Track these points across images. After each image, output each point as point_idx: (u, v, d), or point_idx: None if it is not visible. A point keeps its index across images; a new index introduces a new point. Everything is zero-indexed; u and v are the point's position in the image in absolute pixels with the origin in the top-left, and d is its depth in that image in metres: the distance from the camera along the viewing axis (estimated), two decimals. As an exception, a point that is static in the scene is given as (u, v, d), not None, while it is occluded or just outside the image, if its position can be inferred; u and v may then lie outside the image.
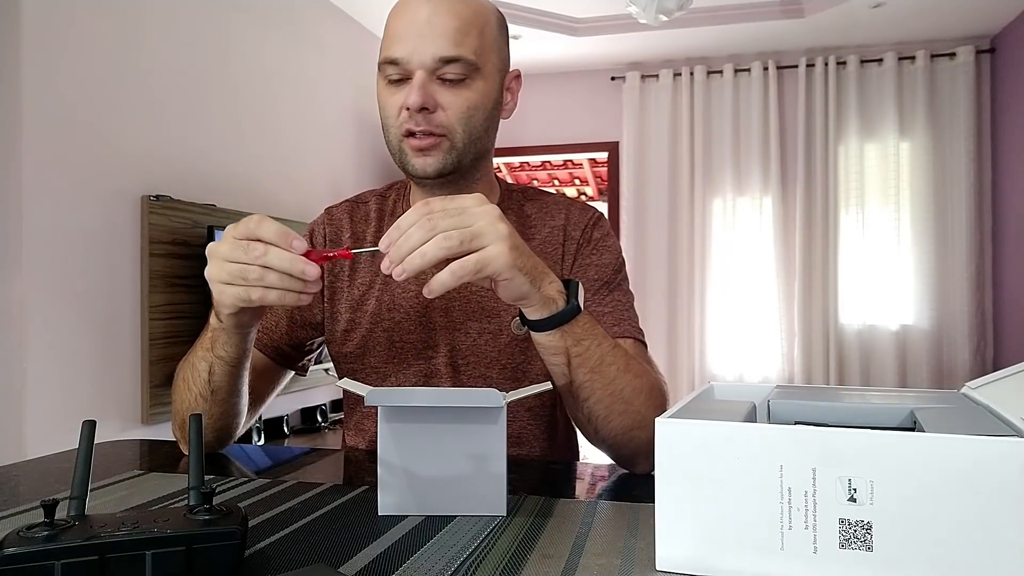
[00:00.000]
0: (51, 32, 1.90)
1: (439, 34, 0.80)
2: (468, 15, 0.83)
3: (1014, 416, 0.45)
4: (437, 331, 0.91)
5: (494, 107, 0.88)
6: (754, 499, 0.44)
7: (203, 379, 0.79)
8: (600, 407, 0.75)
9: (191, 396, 0.81)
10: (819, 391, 0.61)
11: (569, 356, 0.72)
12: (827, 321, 3.94)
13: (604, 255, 0.94)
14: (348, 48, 3.47)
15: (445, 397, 0.59)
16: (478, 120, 0.85)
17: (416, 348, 0.91)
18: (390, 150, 0.88)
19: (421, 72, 0.81)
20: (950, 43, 3.86)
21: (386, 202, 1.00)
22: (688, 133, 4.14)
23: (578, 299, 0.71)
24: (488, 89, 0.86)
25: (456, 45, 0.81)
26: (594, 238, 0.96)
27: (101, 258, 2.06)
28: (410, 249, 0.61)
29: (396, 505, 0.60)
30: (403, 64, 0.81)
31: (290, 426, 2.85)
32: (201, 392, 0.80)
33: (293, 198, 2.98)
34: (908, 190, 3.90)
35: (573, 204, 0.99)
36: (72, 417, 1.94)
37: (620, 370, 0.74)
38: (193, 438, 0.50)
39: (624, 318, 0.90)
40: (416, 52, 0.80)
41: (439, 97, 0.82)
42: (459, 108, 0.83)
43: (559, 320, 0.70)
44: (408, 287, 0.93)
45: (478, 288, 0.91)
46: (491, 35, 0.86)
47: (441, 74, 0.82)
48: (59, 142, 1.92)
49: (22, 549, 0.41)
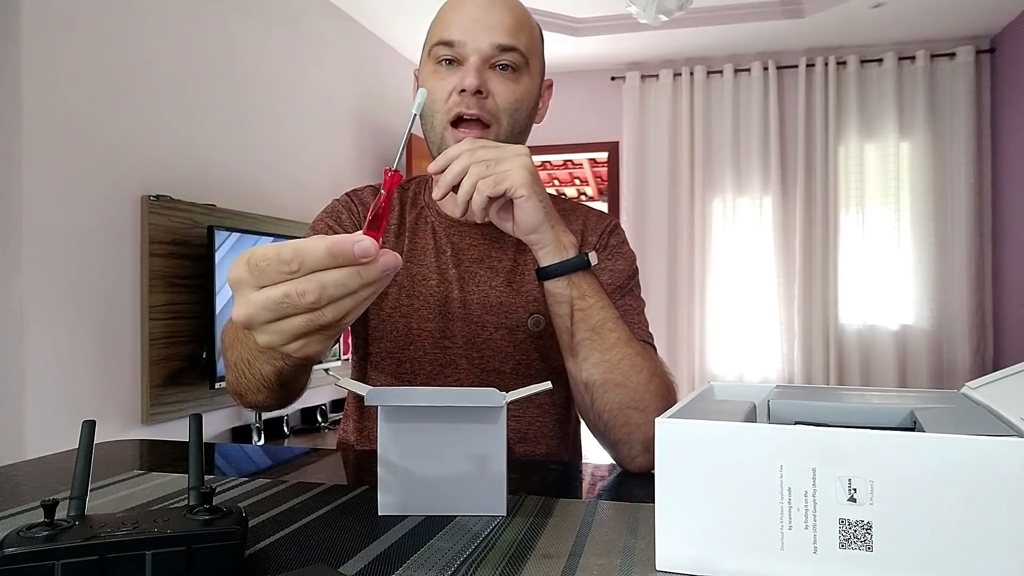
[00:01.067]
0: (51, 32, 1.90)
1: (496, 23, 0.84)
2: (522, 13, 0.88)
3: (1014, 416, 0.45)
4: (455, 321, 0.91)
5: (533, 108, 0.91)
6: (754, 499, 0.44)
7: (267, 377, 0.69)
8: (597, 372, 0.75)
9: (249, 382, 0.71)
10: (819, 391, 0.61)
11: (572, 308, 0.75)
12: (827, 321, 3.94)
13: (619, 261, 0.96)
14: (348, 48, 3.47)
15: (445, 397, 0.59)
16: (522, 114, 0.88)
17: (433, 337, 0.91)
18: (430, 138, 0.88)
19: (476, 57, 0.84)
20: (950, 43, 3.86)
21: (406, 192, 1.00)
22: (688, 133, 4.14)
23: (588, 256, 0.76)
24: (532, 87, 0.89)
25: (512, 37, 0.85)
26: (611, 244, 0.97)
27: (101, 258, 2.06)
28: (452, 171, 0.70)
29: (396, 505, 0.60)
30: (458, 47, 0.84)
31: (290, 426, 2.85)
32: (263, 382, 0.70)
33: (293, 198, 2.98)
34: (908, 190, 3.90)
35: (591, 211, 1.01)
36: (72, 417, 1.94)
37: (620, 340, 0.76)
38: (193, 438, 0.50)
39: (634, 321, 0.91)
40: (474, 37, 0.84)
41: (491, 84, 0.85)
42: (509, 97, 0.86)
43: (570, 267, 0.74)
44: (429, 274, 0.93)
45: (498, 283, 0.92)
46: (537, 38, 0.91)
47: (495, 61, 0.85)
48: (59, 142, 1.92)
49: (22, 549, 0.41)
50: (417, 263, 0.94)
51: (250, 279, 0.46)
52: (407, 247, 0.95)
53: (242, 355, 0.69)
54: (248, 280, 0.46)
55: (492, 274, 0.93)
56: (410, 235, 0.96)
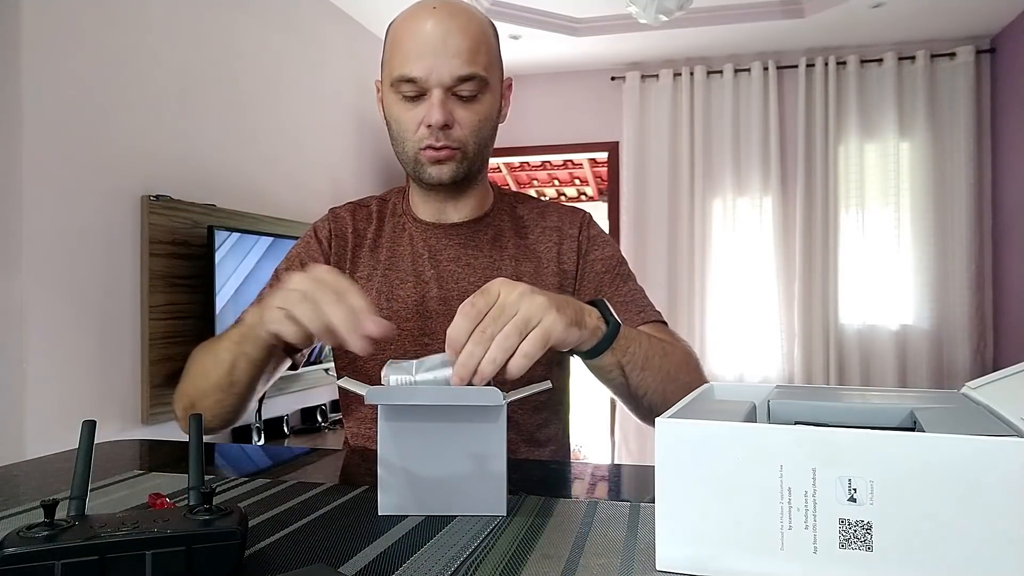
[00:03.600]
0: (51, 32, 1.90)
1: (454, 54, 0.85)
2: (476, 32, 0.87)
3: (1014, 416, 0.45)
4: (434, 319, 0.94)
5: (496, 116, 0.94)
6: (754, 499, 0.44)
7: (224, 371, 0.82)
8: (657, 396, 0.81)
9: (207, 383, 0.84)
10: (819, 391, 0.61)
11: (623, 367, 0.78)
12: (827, 321, 3.94)
13: (606, 248, 1.01)
14: (348, 48, 3.47)
15: (445, 396, 0.59)
16: (487, 131, 0.92)
17: (413, 335, 0.94)
18: (402, 159, 0.93)
19: (439, 90, 0.85)
20: (950, 43, 3.86)
21: (386, 204, 1.05)
22: (688, 133, 4.14)
23: (613, 314, 0.76)
24: (494, 101, 0.92)
25: (471, 64, 0.86)
26: (593, 235, 1.02)
27: (101, 258, 2.06)
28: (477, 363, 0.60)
29: (396, 505, 0.60)
30: (421, 83, 0.85)
31: (290, 426, 2.85)
32: (219, 382, 0.83)
33: (293, 198, 2.98)
34: (908, 190, 3.90)
35: (563, 207, 1.05)
36: (72, 417, 1.94)
37: (662, 356, 0.81)
38: (193, 438, 0.50)
39: (645, 305, 0.97)
40: (434, 71, 0.85)
41: (455, 113, 0.87)
42: (472, 122, 0.89)
43: (608, 343, 0.75)
44: (406, 278, 0.96)
45: (476, 279, 0.95)
46: (494, 49, 0.92)
47: (456, 91, 0.87)
48: (59, 142, 1.92)
49: (22, 549, 0.41)
50: (395, 269, 0.97)
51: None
52: (385, 256, 0.99)
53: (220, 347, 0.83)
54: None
55: (469, 271, 0.96)
56: (388, 245, 1.00)
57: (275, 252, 2.56)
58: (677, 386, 0.81)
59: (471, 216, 0.99)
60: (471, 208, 0.99)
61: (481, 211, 1.00)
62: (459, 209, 0.98)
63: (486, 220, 1.00)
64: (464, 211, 0.98)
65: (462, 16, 0.87)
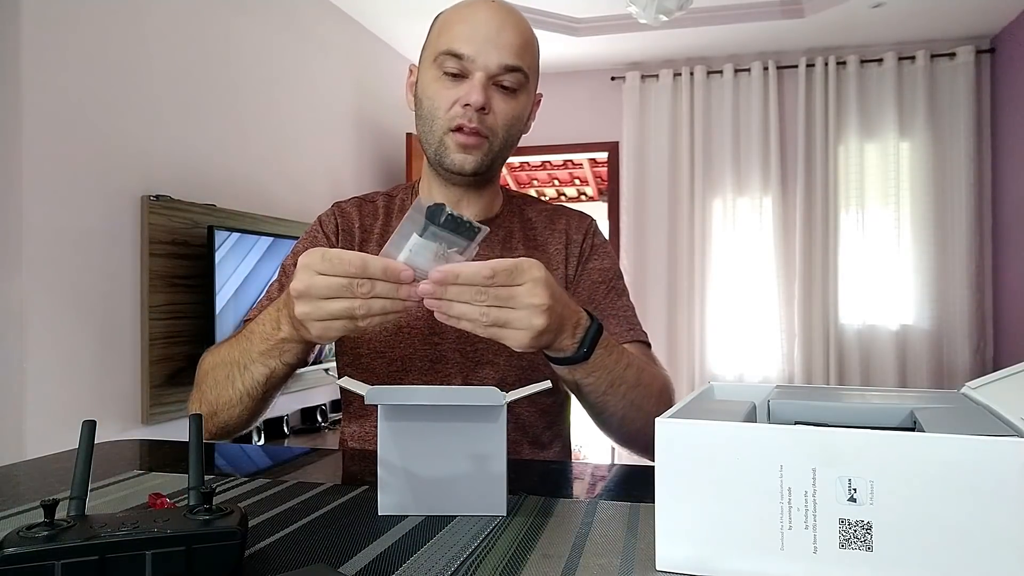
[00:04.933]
0: (51, 32, 1.90)
1: (506, 44, 0.87)
2: (528, 34, 0.91)
3: (1014, 416, 0.45)
4: None
5: (524, 122, 0.95)
6: (754, 499, 0.44)
7: (257, 382, 0.81)
8: (615, 418, 0.82)
9: (234, 393, 0.83)
10: (819, 391, 0.61)
11: (580, 386, 0.78)
12: (827, 321, 3.94)
13: (605, 260, 1.01)
14: (348, 48, 3.47)
15: (445, 396, 0.59)
16: (516, 129, 0.92)
17: (423, 333, 0.93)
18: (426, 140, 0.92)
19: (482, 74, 0.86)
20: (950, 43, 3.86)
21: (393, 200, 1.03)
22: (688, 133, 4.14)
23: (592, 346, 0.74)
24: (528, 104, 0.93)
25: (519, 57, 0.88)
26: (596, 244, 1.02)
27: (101, 258, 2.06)
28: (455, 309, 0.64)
29: (396, 505, 0.60)
30: (467, 61, 0.86)
31: (290, 426, 2.85)
32: (249, 391, 0.82)
33: (293, 198, 2.98)
34: (908, 190, 3.90)
35: (571, 211, 1.06)
36: (72, 417, 1.94)
37: (631, 385, 0.80)
38: (193, 438, 0.50)
39: (634, 323, 0.97)
40: (483, 54, 0.86)
41: (493, 101, 0.88)
42: (507, 115, 0.89)
43: (565, 362, 0.74)
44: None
45: None
46: (537, 56, 0.94)
47: (499, 80, 0.88)
48: (59, 142, 1.92)
49: (22, 549, 0.41)
50: None
51: (320, 265, 0.63)
52: None
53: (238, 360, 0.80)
54: (317, 265, 0.63)
55: None
56: None
57: (275, 252, 2.56)
58: (640, 414, 0.82)
59: (482, 216, 0.99)
60: (482, 208, 0.99)
61: (492, 212, 1.00)
62: (471, 208, 0.98)
63: (496, 221, 1.00)
64: (475, 210, 0.98)
65: (517, 15, 0.90)
